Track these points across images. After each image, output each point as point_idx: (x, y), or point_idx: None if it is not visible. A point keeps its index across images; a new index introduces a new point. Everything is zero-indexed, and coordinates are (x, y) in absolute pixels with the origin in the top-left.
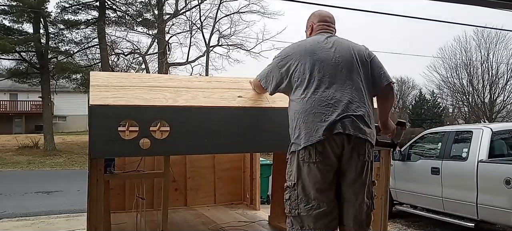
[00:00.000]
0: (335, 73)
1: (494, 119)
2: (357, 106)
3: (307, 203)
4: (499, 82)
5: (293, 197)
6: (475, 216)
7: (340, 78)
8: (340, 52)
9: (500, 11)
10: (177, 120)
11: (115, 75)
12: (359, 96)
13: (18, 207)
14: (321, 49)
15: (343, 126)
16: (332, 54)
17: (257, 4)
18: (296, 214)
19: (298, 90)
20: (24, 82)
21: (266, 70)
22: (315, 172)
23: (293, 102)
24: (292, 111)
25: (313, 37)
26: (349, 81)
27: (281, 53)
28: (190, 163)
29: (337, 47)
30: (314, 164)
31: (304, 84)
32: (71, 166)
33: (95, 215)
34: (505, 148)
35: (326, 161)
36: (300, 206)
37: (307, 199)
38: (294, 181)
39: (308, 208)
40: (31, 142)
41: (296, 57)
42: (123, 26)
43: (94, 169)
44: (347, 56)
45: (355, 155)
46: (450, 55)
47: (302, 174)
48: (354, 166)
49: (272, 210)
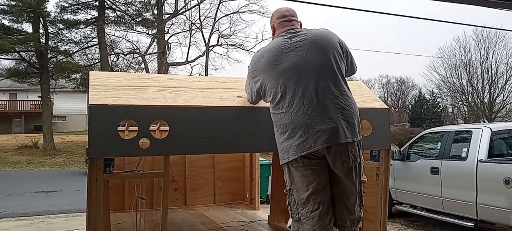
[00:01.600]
0: (307, 77)
1: (493, 119)
2: (337, 109)
3: (303, 206)
4: (498, 82)
5: (292, 202)
6: (475, 215)
7: (313, 81)
8: (309, 51)
9: (499, 11)
10: (177, 119)
11: (114, 75)
12: (338, 91)
13: (17, 207)
14: (286, 55)
15: (324, 135)
16: (300, 57)
17: (256, 4)
18: (297, 218)
19: (274, 104)
20: (23, 82)
21: (246, 83)
22: (306, 174)
23: (273, 115)
24: (274, 123)
25: (275, 41)
26: (323, 80)
27: (250, 65)
28: (190, 163)
29: (304, 46)
30: (303, 167)
31: (277, 98)
32: (70, 166)
33: (95, 215)
34: (505, 148)
35: (315, 164)
36: (298, 210)
37: (303, 202)
38: (289, 186)
39: (305, 211)
40: (31, 142)
41: (261, 72)
42: (122, 26)
43: (93, 169)
44: (316, 52)
45: (338, 163)
46: (450, 55)
47: (295, 179)
48: (340, 171)
49: (272, 210)
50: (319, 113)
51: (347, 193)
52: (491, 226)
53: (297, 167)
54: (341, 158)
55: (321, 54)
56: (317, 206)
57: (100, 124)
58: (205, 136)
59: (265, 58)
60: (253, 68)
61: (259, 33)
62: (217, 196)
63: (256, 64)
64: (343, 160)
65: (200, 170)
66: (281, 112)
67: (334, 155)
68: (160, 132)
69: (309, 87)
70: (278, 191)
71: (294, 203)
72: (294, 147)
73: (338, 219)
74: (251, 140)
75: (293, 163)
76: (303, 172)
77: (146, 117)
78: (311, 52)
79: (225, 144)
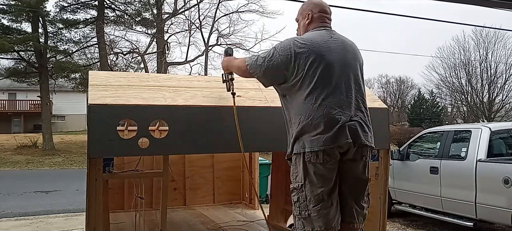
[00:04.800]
0: (343, 76)
1: (492, 118)
2: (361, 112)
3: (316, 203)
4: (497, 82)
5: (302, 198)
6: (474, 215)
7: (347, 81)
8: (347, 53)
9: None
10: (176, 119)
11: (114, 74)
12: (362, 100)
13: (16, 207)
14: (331, 49)
15: (350, 134)
16: (341, 55)
17: (256, 4)
18: (306, 215)
19: (308, 92)
20: (22, 81)
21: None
22: (322, 172)
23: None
24: (298, 111)
25: (319, 33)
26: (354, 84)
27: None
28: (189, 163)
29: (343, 47)
30: (321, 164)
31: (311, 88)
32: (69, 166)
33: (94, 215)
34: (504, 147)
35: (332, 161)
36: (309, 206)
37: (316, 199)
38: (301, 182)
39: (317, 208)
40: (30, 141)
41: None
42: (122, 26)
43: (92, 169)
44: (351, 57)
45: (358, 158)
46: (449, 54)
47: (309, 175)
48: (356, 167)
49: (271, 210)
50: (350, 114)
51: (359, 190)
52: (491, 226)
53: (315, 163)
54: (362, 152)
55: (354, 59)
56: (330, 203)
57: (100, 124)
58: (205, 135)
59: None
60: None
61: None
62: (216, 196)
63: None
64: (363, 155)
65: (200, 169)
66: (314, 104)
67: (356, 151)
68: (159, 132)
69: (346, 85)
70: (278, 191)
71: (305, 200)
72: (324, 139)
73: (348, 216)
74: (250, 139)
75: (312, 158)
76: (320, 169)
77: (145, 116)
78: (348, 54)
79: (225, 144)
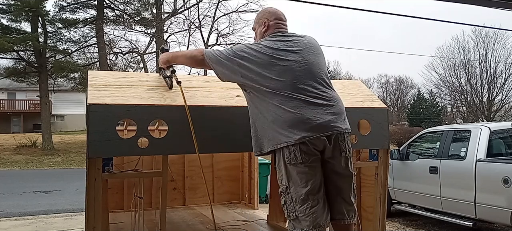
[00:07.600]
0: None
1: (492, 118)
2: (331, 103)
3: (301, 204)
4: (497, 82)
5: (288, 200)
6: (474, 215)
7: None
8: (307, 50)
9: (498, 10)
10: (175, 119)
11: (113, 74)
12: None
13: (16, 206)
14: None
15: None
16: (300, 55)
17: (256, 4)
18: (294, 216)
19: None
20: (22, 81)
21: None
22: (304, 171)
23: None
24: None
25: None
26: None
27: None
28: (189, 162)
29: (303, 46)
30: (301, 164)
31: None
32: (69, 165)
33: (93, 214)
34: (503, 147)
35: (311, 159)
36: (296, 208)
37: (301, 199)
38: (286, 184)
39: (303, 208)
40: (29, 141)
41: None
42: (121, 25)
43: (92, 168)
44: (311, 54)
45: (337, 154)
46: (449, 54)
47: (292, 176)
48: (338, 163)
49: (271, 209)
50: (318, 107)
51: (344, 185)
52: (490, 226)
53: (296, 164)
54: (340, 148)
55: (314, 56)
56: (316, 201)
57: (99, 123)
58: (204, 135)
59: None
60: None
61: None
62: (216, 196)
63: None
64: (342, 150)
65: (199, 169)
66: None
67: (334, 145)
68: (158, 131)
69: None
70: (277, 191)
71: (291, 201)
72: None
73: (337, 213)
74: (249, 139)
75: (292, 160)
76: (301, 169)
77: (144, 116)
78: (308, 53)
79: (224, 144)
